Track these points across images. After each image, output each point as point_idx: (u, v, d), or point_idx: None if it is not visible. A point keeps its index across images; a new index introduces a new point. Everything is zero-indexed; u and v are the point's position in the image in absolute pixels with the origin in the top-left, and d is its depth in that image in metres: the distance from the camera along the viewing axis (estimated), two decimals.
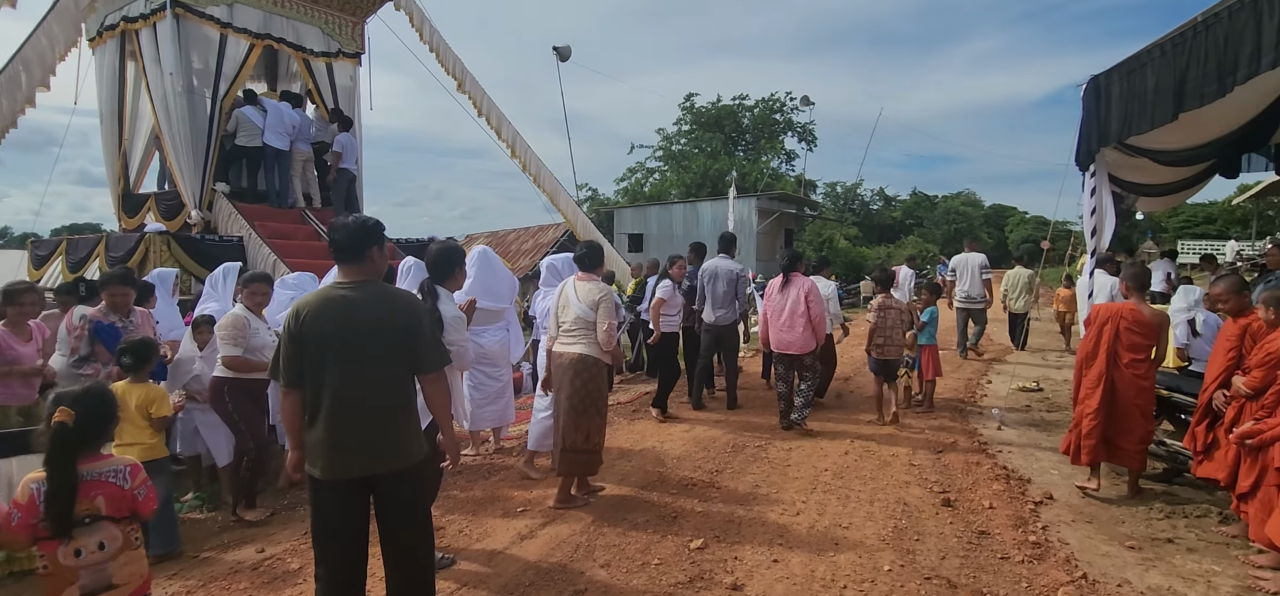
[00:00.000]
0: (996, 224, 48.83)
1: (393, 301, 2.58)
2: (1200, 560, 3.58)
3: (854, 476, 4.87)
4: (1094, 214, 6.32)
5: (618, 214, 26.82)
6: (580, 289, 4.32)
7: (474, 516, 4.21)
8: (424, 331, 2.60)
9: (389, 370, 2.51)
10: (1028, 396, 7.51)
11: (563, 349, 4.31)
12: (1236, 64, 5.17)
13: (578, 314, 4.25)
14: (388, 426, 2.49)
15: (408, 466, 2.54)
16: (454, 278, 3.86)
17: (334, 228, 2.60)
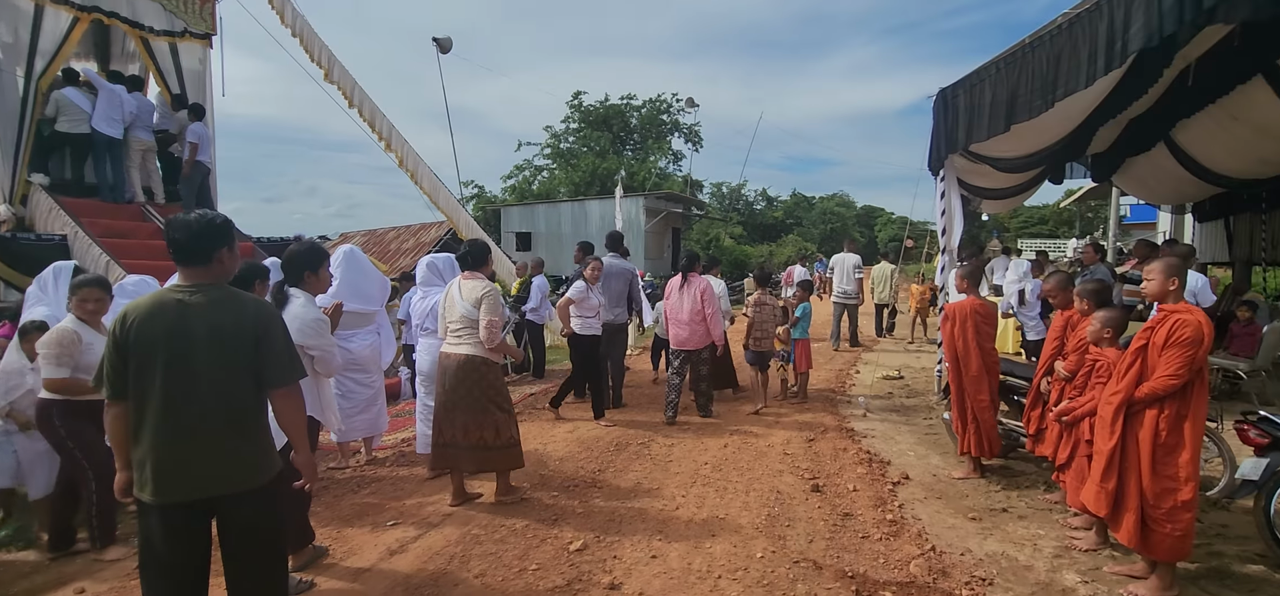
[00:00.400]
0: (867, 223, 52.49)
1: (239, 307, 2.34)
2: (1029, 526, 4.00)
3: (732, 468, 5.02)
4: (944, 215, 6.88)
5: (505, 212, 26.24)
6: (464, 287, 4.25)
7: (340, 533, 3.94)
8: (275, 341, 2.37)
9: (231, 382, 2.28)
10: (891, 384, 8.09)
11: (451, 349, 4.24)
12: (1056, 83, 5.80)
13: (462, 313, 4.19)
14: (228, 443, 2.26)
15: (252, 487, 2.31)
16: (316, 279, 3.60)
17: (173, 225, 2.32)
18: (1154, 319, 3.19)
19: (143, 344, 2.19)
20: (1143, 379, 3.12)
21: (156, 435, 2.18)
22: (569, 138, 34.74)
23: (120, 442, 2.28)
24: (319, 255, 3.60)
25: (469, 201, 32.67)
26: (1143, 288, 3.35)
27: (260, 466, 2.36)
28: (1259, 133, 8.39)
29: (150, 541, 2.21)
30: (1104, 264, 8.78)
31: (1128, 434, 3.21)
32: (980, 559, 3.59)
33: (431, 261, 5.37)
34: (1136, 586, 3.21)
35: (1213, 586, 3.29)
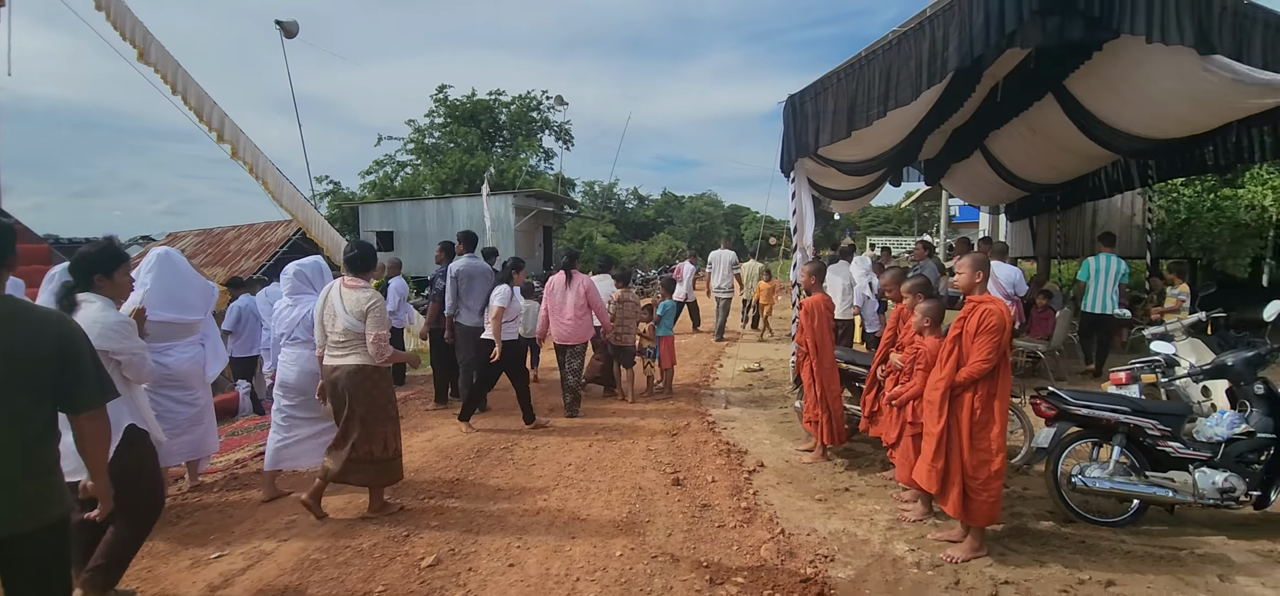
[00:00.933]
0: (734, 222, 54.83)
1: (27, 321, 1.99)
2: (867, 502, 4.32)
3: (595, 467, 5.01)
4: (796, 214, 7.27)
5: (364, 210, 24.58)
6: (347, 297, 4.01)
7: (153, 571, 3.48)
8: (80, 358, 2.05)
9: (22, 406, 1.94)
10: (751, 377, 8.47)
11: (336, 361, 4.02)
12: (888, 94, 6.32)
13: (346, 324, 3.97)
14: (18, 476, 1.93)
15: (44, 525, 1.99)
16: (110, 284, 3.14)
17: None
18: (964, 309, 3.55)
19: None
20: (961, 365, 3.47)
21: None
22: (434, 133, 33.26)
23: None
24: (113, 258, 3.14)
25: (323, 199, 30.37)
26: (954, 281, 3.72)
27: (54, 500, 2.03)
28: (1052, 144, 9.67)
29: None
30: (932, 260, 9.69)
31: (949, 415, 3.55)
32: (824, 537, 3.82)
33: (299, 269, 4.91)
34: (953, 550, 3.56)
35: (1014, 543, 3.71)
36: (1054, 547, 3.65)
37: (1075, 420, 3.99)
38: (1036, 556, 3.54)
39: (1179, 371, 4.92)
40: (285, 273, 4.74)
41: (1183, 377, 4.75)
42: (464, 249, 6.70)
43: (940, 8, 6.02)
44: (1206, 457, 3.79)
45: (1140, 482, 3.82)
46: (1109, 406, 3.94)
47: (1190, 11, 5.63)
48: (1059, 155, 9.93)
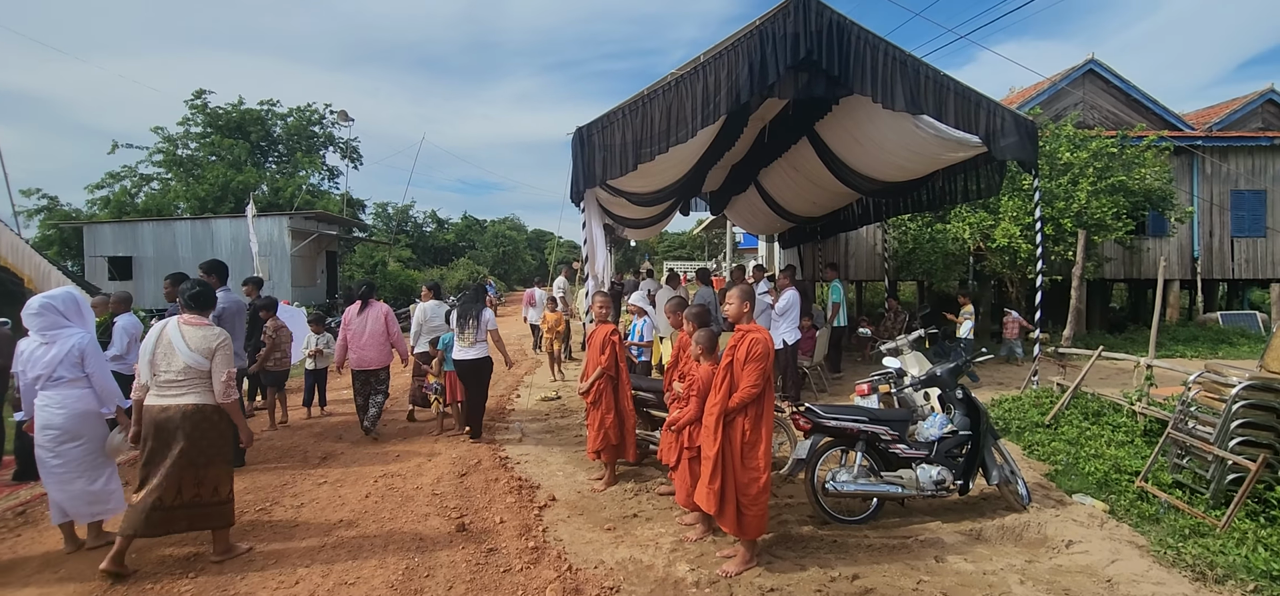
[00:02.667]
0: (538, 247, 54.81)
1: None
2: (653, 526, 4.43)
3: (371, 520, 4.57)
4: (587, 242, 7.39)
5: (91, 230, 20.42)
6: (189, 334, 3.84)
7: None
8: None
9: None
10: (548, 406, 8.39)
11: (168, 400, 3.77)
12: (670, 131, 6.68)
13: (188, 362, 3.79)
14: None
15: None
16: None
17: None
18: (734, 337, 3.80)
19: None
20: (733, 391, 3.70)
21: None
22: (191, 143, 28.95)
23: None
24: None
25: (34, 216, 24.84)
26: (725, 310, 3.98)
27: None
28: (810, 181, 10.99)
29: None
30: (708, 288, 10.46)
31: (723, 437, 3.75)
32: (611, 567, 3.83)
33: (46, 303, 4.05)
34: (728, 565, 3.76)
35: (780, 551, 4.03)
36: (813, 550, 4.03)
37: (827, 431, 4.47)
38: (798, 561, 3.88)
39: (905, 381, 5.76)
40: (30, 309, 4.03)
41: (908, 387, 5.57)
42: (218, 281, 5.78)
43: (712, 56, 6.55)
44: (925, 455, 4.47)
45: (877, 482, 4.38)
46: (852, 417, 4.48)
47: (902, 79, 6.74)
48: (816, 192, 11.34)
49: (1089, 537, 4.13)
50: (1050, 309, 7.68)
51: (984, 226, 11.97)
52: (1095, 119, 15.51)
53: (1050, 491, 4.98)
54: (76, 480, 4.02)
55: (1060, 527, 4.27)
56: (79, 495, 4.04)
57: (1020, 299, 12.77)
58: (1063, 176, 11.64)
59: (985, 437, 4.52)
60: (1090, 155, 11.67)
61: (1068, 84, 15.87)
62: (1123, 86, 15.97)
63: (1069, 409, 6.48)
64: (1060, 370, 7.53)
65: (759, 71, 6.60)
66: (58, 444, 3.98)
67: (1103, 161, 11.70)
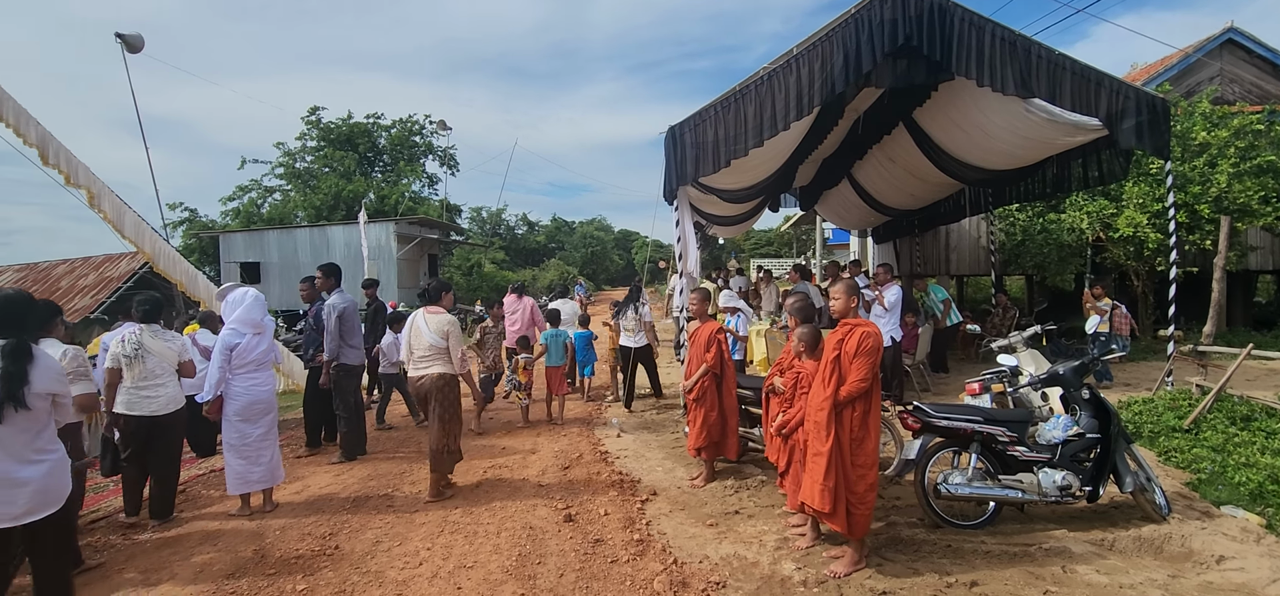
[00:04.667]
0: (625, 247, 55.53)
1: None
2: (756, 524, 4.41)
3: (484, 508, 4.80)
4: (680, 240, 7.44)
5: (226, 239, 22.57)
6: (430, 321, 5.06)
7: None
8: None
9: None
10: (644, 402, 8.49)
11: (422, 371, 5.01)
12: (762, 126, 6.62)
13: (431, 342, 5.01)
14: None
15: None
16: None
17: None
18: (840, 331, 3.72)
19: None
20: (841, 385, 3.63)
21: None
22: (307, 157, 31.30)
23: None
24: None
25: (177, 227, 27.63)
26: (831, 306, 3.91)
27: None
28: (908, 173, 10.55)
29: None
30: (807, 282, 10.25)
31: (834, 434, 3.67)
32: (716, 563, 3.85)
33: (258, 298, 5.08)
34: (836, 566, 3.70)
35: (890, 553, 3.92)
36: (925, 553, 3.89)
37: (938, 431, 4.30)
38: (910, 564, 3.75)
39: (1021, 381, 5.44)
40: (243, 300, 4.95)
41: (1025, 386, 5.26)
42: (333, 284, 6.27)
43: (805, 48, 6.42)
44: (1047, 458, 4.21)
45: (995, 486, 4.17)
46: (965, 417, 4.28)
47: (1011, 60, 6.35)
48: (914, 183, 10.87)
49: (1244, 554, 3.76)
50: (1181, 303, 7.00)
51: (1104, 215, 11.07)
52: (1236, 93, 13.98)
53: (1193, 502, 4.56)
54: (267, 449, 4.85)
55: (1208, 541, 3.91)
56: (267, 463, 4.83)
57: (1147, 292, 11.72)
58: (1198, 158, 10.58)
59: (1117, 441, 4.20)
60: (1231, 133, 10.54)
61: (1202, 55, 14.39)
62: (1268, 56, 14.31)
63: (1212, 412, 5.91)
64: (1200, 370, 6.86)
65: (854, 60, 6.42)
66: (262, 416, 4.85)
67: (1246, 140, 10.54)
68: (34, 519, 2.84)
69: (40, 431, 2.91)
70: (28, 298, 3.05)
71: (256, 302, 5.01)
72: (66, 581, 3.08)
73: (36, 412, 2.85)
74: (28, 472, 2.82)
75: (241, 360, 4.80)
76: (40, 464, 2.88)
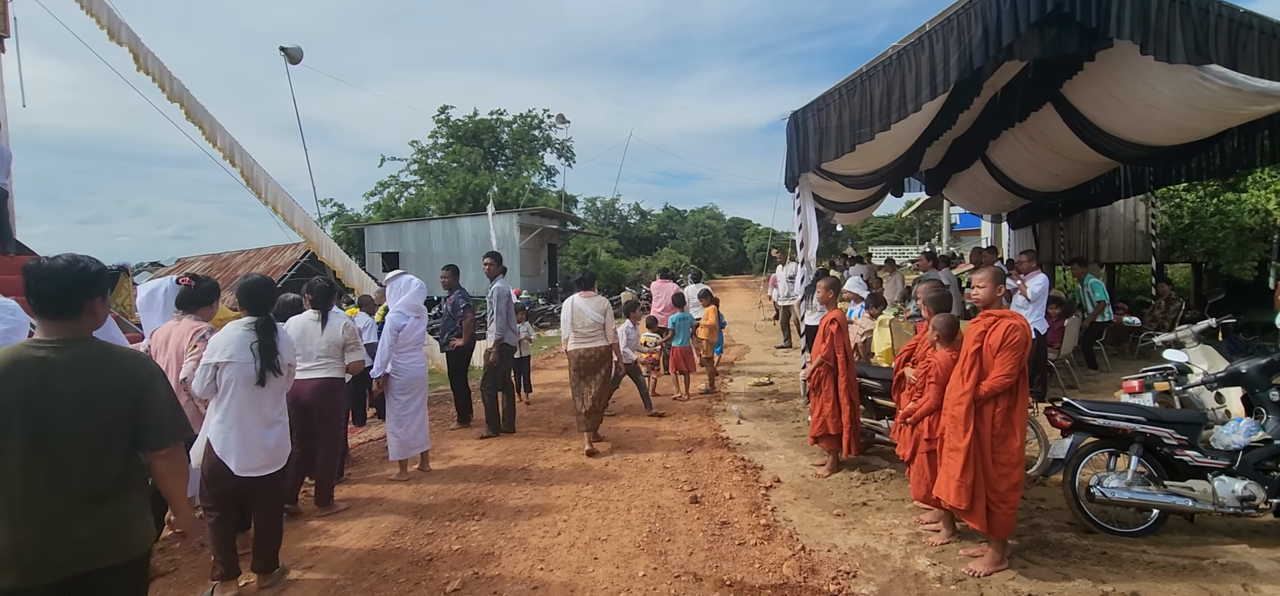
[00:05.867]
0: (737, 235, 54.94)
1: (116, 365, 2.09)
2: (885, 517, 4.33)
3: (613, 486, 5.03)
4: (801, 228, 7.34)
5: (369, 231, 24.79)
6: (589, 303, 6.03)
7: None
8: (157, 398, 2.14)
9: (102, 448, 2.03)
10: (762, 389, 8.49)
11: (588, 345, 5.99)
12: (890, 108, 6.38)
13: (593, 320, 5.97)
14: (99, 516, 2.01)
15: (123, 561, 2.07)
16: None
17: (32, 273, 2.03)
18: (985, 323, 3.57)
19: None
20: (982, 378, 3.48)
21: (15, 512, 1.91)
22: (437, 153, 33.52)
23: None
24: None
25: (328, 221, 30.52)
26: (973, 295, 3.75)
27: (133, 538, 2.11)
28: (1052, 151, 9.73)
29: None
30: (937, 271, 9.74)
31: (973, 429, 3.54)
32: (845, 553, 3.84)
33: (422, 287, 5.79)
34: (975, 564, 3.57)
35: (1035, 556, 3.72)
36: (1076, 559, 3.66)
37: (1091, 430, 4.01)
38: (1059, 568, 3.55)
39: (1192, 379, 4.93)
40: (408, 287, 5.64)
41: (1196, 385, 4.77)
42: (498, 269, 6.81)
43: (939, 22, 6.10)
44: (1224, 465, 3.81)
45: (1159, 492, 3.84)
46: (1125, 416, 3.96)
47: (1183, 22, 5.69)
48: (1059, 163, 10.00)
49: None
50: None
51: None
52: None
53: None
54: (419, 415, 5.44)
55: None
56: (419, 429, 5.43)
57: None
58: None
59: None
60: None
61: None
62: None
63: None
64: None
65: (995, 33, 6.00)
66: (418, 390, 5.46)
67: None
68: (269, 472, 3.37)
69: (281, 395, 3.44)
70: (271, 283, 3.60)
71: (420, 290, 5.61)
72: (279, 522, 3.65)
73: (283, 378, 3.39)
74: (272, 434, 3.38)
75: (405, 340, 5.35)
76: (279, 425, 3.42)
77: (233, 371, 3.33)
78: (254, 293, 3.50)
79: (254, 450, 3.36)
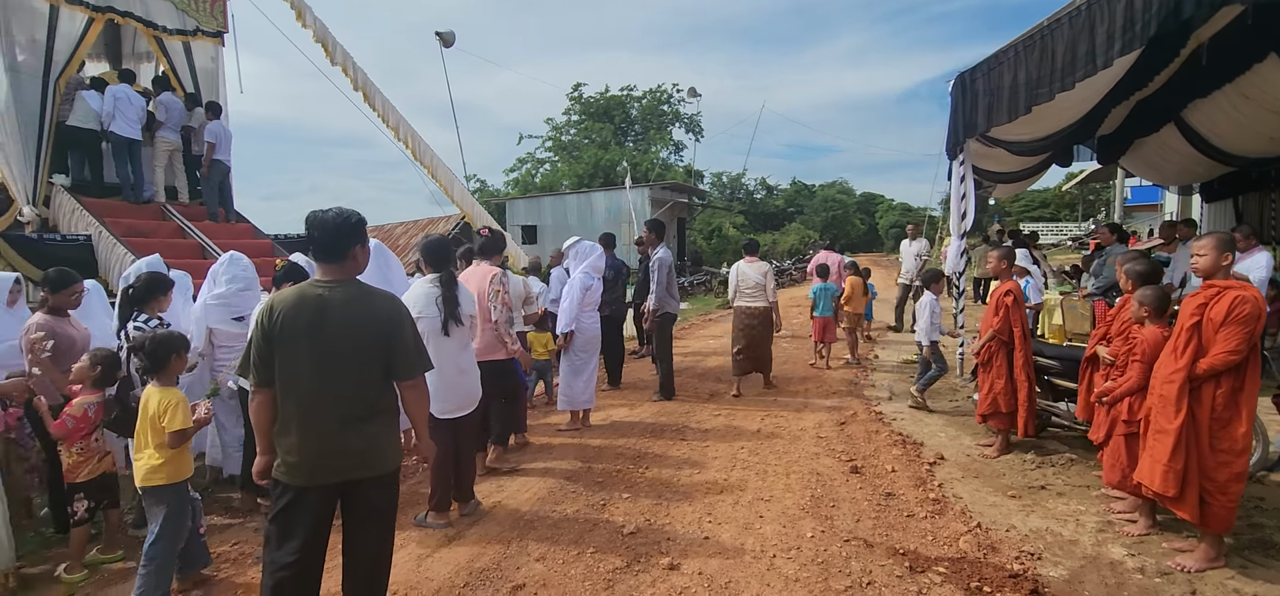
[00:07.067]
0: (868, 211, 52.49)
1: (374, 303, 2.47)
2: (1068, 502, 4.07)
3: (769, 451, 5.09)
4: (964, 199, 6.93)
5: (510, 205, 26.23)
6: (752, 267, 6.93)
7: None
8: (407, 335, 2.51)
9: (368, 374, 2.42)
10: (912, 367, 8.14)
11: (751, 304, 6.88)
12: (1075, 64, 5.84)
13: (755, 281, 6.86)
14: (369, 431, 2.40)
15: (385, 472, 2.47)
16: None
17: (313, 223, 2.44)
18: (1206, 294, 3.23)
19: (288, 335, 2.30)
20: (1200, 355, 3.17)
21: (305, 424, 2.31)
22: (570, 130, 34.70)
23: (265, 428, 2.39)
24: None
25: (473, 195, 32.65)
26: (1194, 264, 3.39)
27: (390, 453, 2.48)
28: (1270, 111, 8.44)
29: (286, 517, 2.33)
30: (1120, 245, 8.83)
31: (1187, 410, 3.23)
32: (1026, 534, 3.66)
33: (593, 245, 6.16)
34: (1185, 559, 3.28)
35: (1256, 556, 3.35)
36: None
37: None
38: None
39: None
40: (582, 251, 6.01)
41: None
42: (657, 239, 7.01)
43: None
44: None
45: None
46: None
47: None
48: (1278, 124, 8.65)
49: None
50: None
51: None
52: None
53: None
54: (589, 373, 5.82)
55: None
56: (587, 386, 5.81)
57: None
58: None
59: None
60: None
61: None
62: None
63: None
64: None
65: None
66: (593, 348, 5.86)
67: None
68: (462, 413, 3.76)
69: (466, 346, 3.81)
70: (448, 241, 3.98)
71: (601, 255, 6.00)
72: (474, 458, 4.10)
73: (465, 328, 3.75)
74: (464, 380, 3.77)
75: (589, 300, 5.74)
76: (469, 373, 3.80)
77: (424, 325, 3.68)
78: (435, 251, 3.85)
79: (449, 394, 3.73)
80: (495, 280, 4.39)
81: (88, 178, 8.26)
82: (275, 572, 2.31)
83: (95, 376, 3.39)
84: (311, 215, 2.45)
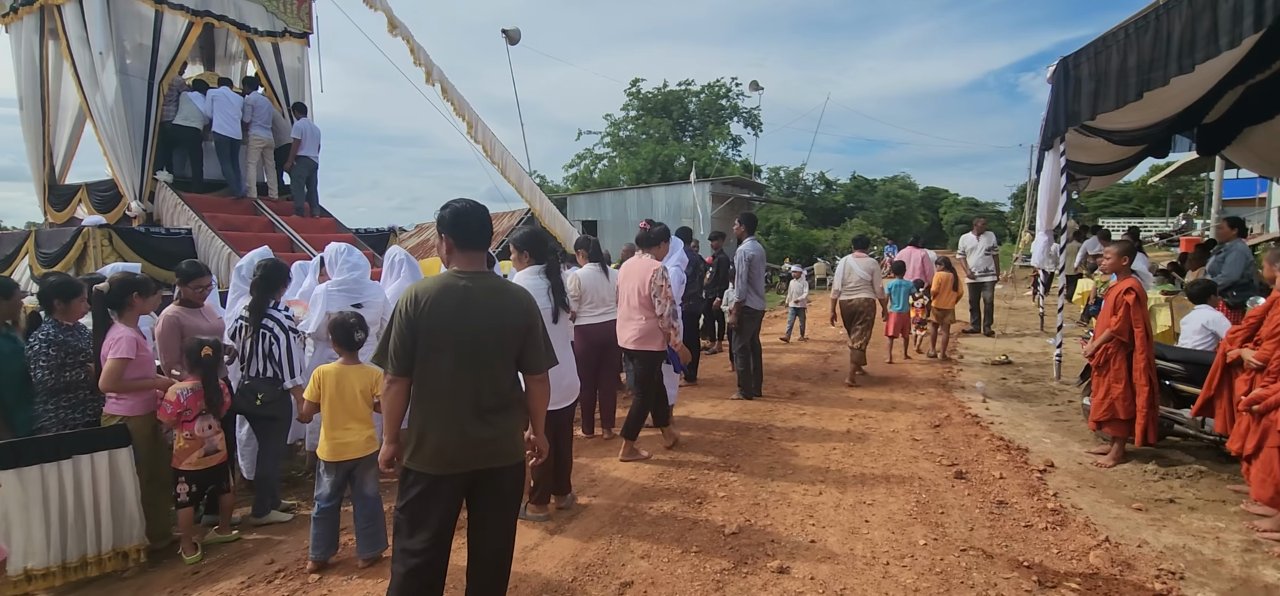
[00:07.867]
0: (931, 206, 50.83)
1: (511, 297, 2.48)
2: (1204, 518, 3.76)
3: (862, 453, 4.92)
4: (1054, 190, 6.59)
5: (571, 201, 26.43)
6: (859, 263, 7.34)
7: None
8: (538, 330, 2.51)
9: (504, 366, 2.43)
10: (1001, 370, 7.78)
11: (856, 296, 7.27)
12: (1193, 45, 5.43)
13: (861, 276, 7.24)
14: (501, 422, 2.40)
15: (513, 463, 2.47)
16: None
17: (459, 214, 2.45)
18: None
19: (432, 327, 2.31)
20: None
21: (444, 414, 2.32)
22: (628, 126, 34.72)
23: (397, 417, 2.42)
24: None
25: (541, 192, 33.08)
26: None
27: (517, 446, 2.48)
28: None
29: (417, 505, 2.35)
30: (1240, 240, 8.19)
31: None
32: (1161, 551, 3.39)
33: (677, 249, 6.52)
34: None
35: None
36: None
37: None
38: None
39: None
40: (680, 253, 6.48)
41: None
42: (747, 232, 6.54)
43: None
44: None
45: None
46: None
47: None
48: None
49: None
50: None
51: None
52: None
53: None
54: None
55: None
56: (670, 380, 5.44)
57: None
58: None
59: None
60: None
61: None
62: None
63: None
64: None
65: None
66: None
67: None
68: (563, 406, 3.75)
69: (568, 337, 3.81)
70: (546, 233, 3.99)
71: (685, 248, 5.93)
72: (570, 451, 4.08)
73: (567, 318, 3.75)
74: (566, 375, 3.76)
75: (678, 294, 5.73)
76: (568, 366, 3.80)
77: None
78: (534, 242, 3.85)
79: (554, 387, 3.72)
80: (657, 275, 4.56)
81: (189, 174, 8.68)
82: (408, 560, 2.33)
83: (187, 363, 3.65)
84: (452, 206, 2.46)
